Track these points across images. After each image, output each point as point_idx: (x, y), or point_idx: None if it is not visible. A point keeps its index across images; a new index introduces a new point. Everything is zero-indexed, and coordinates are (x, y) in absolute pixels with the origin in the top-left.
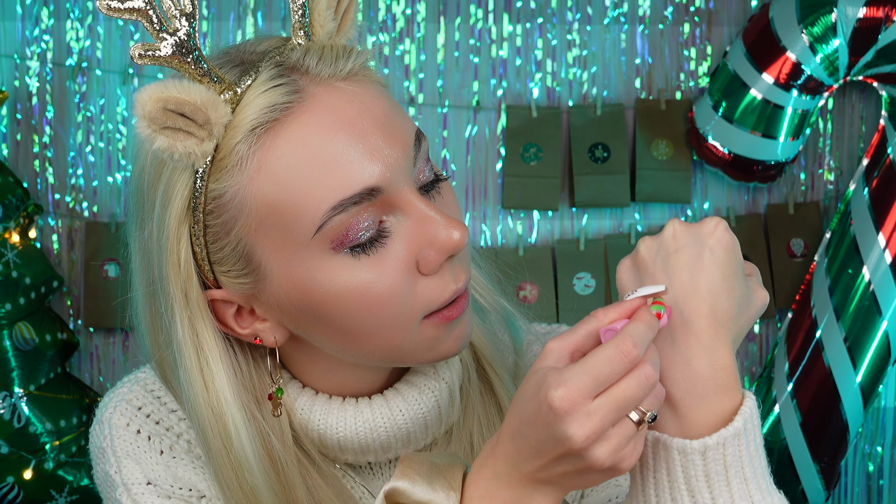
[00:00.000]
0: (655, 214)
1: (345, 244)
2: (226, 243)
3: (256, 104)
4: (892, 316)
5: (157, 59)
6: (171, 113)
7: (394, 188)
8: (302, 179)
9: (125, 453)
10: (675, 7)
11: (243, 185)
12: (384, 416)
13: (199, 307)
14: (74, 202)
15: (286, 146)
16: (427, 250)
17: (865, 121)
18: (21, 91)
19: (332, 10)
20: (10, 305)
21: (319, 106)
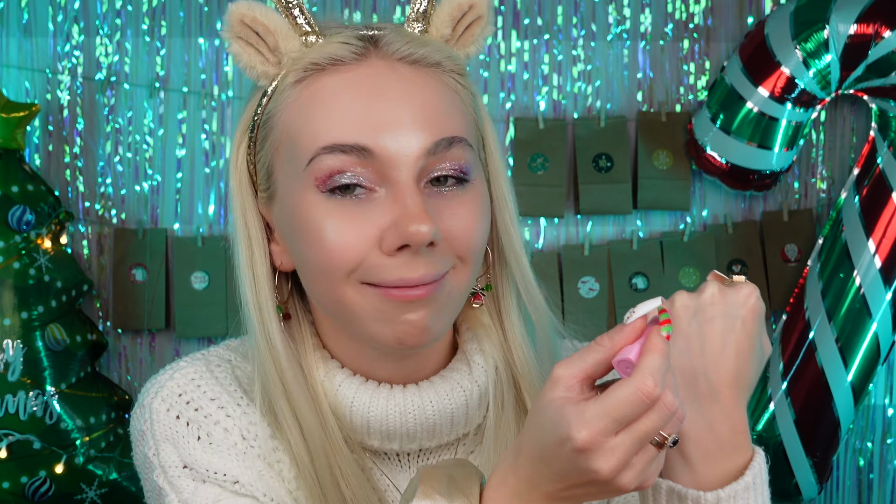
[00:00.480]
0: (656, 221)
1: (326, 185)
2: (260, 155)
3: (320, 50)
4: (882, 318)
5: None
6: (246, 27)
7: (392, 164)
8: (316, 116)
9: (164, 437)
10: (674, 24)
11: (281, 109)
12: (415, 405)
13: (250, 204)
14: (103, 210)
15: (321, 88)
16: (390, 231)
17: (856, 132)
18: (53, 104)
19: (453, 19)
20: (42, 308)
21: (367, 71)
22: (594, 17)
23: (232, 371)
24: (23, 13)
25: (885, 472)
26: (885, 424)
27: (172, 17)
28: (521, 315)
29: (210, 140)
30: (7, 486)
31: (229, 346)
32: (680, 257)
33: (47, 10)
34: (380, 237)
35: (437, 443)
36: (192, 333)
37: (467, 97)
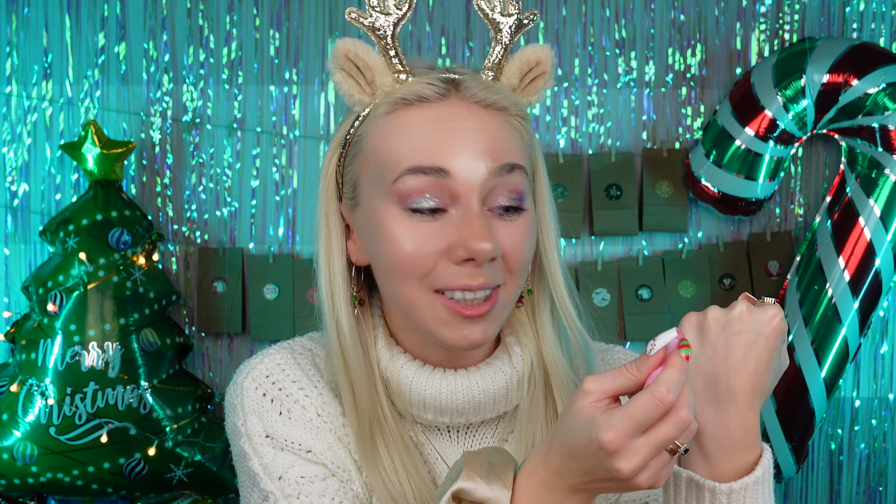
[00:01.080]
0: (658, 241)
1: (406, 202)
2: (349, 170)
3: (410, 88)
4: (850, 324)
5: (359, 23)
6: (350, 62)
7: (463, 185)
8: (402, 142)
9: (251, 410)
10: (674, 74)
11: (371, 132)
12: (463, 385)
13: (334, 208)
14: (189, 232)
15: (409, 119)
16: (459, 246)
17: (828, 166)
18: (146, 142)
19: (521, 72)
20: (137, 315)
21: (447, 109)
22: (606, 68)
23: (312, 358)
24: (121, 65)
25: (852, 455)
26: (852, 414)
27: (248, 68)
28: (554, 319)
29: (280, 172)
30: (108, 467)
31: (311, 338)
32: (679, 272)
33: (142, 62)
34: (448, 249)
35: (482, 419)
36: (264, 336)
37: (526, 136)
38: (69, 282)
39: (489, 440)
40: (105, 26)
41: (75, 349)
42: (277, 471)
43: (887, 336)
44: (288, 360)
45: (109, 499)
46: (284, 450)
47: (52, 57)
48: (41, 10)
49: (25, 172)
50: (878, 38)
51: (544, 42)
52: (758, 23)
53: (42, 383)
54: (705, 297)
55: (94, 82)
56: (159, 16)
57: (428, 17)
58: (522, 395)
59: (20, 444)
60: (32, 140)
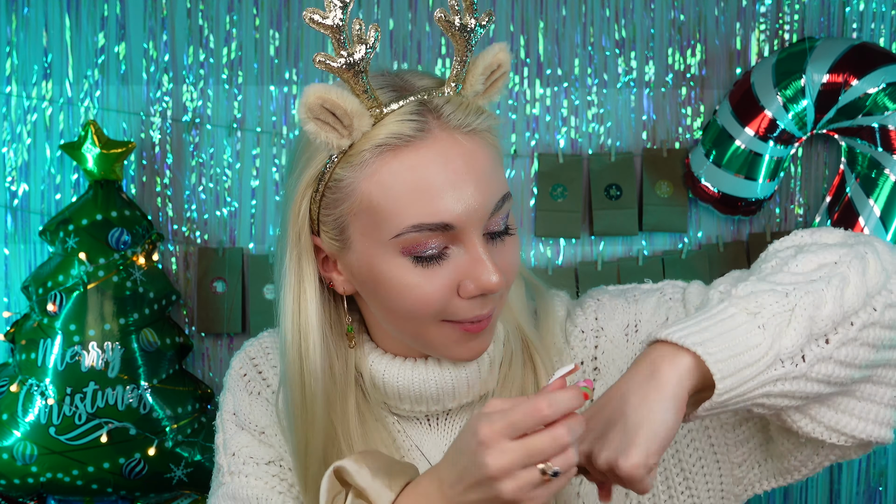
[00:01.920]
0: (658, 241)
1: (411, 253)
2: (331, 213)
3: (390, 128)
4: None
5: (330, 67)
6: (325, 110)
7: (465, 229)
8: (399, 195)
9: (229, 387)
10: (674, 74)
11: (358, 180)
12: (434, 373)
13: (306, 248)
14: (189, 232)
15: (399, 166)
16: (468, 282)
17: (828, 166)
18: (146, 142)
19: (484, 76)
20: (137, 315)
21: (436, 146)
22: (606, 68)
23: None
24: (121, 65)
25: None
26: None
27: (248, 67)
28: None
29: (280, 172)
30: (108, 467)
31: None
32: (679, 272)
33: (141, 62)
34: (456, 285)
35: (458, 403)
36: None
37: (500, 150)
38: (69, 282)
39: None
40: (105, 26)
41: (75, 349)
42: (232, 447)
43: None
44: (276, 344)
45: (109, 499)
46: (244, 429)
47: (51, 57)
48: (41, 10)
49: (25, 172)
50: (878, 38)
51: (544, 42)
52: (758, 23)
53: (42, 383)
54: None
55: (94, 82)
56: (159, 16)
57: (428, 16)
58: (494, 380)
59: (20, 444)
60: (32, 140)
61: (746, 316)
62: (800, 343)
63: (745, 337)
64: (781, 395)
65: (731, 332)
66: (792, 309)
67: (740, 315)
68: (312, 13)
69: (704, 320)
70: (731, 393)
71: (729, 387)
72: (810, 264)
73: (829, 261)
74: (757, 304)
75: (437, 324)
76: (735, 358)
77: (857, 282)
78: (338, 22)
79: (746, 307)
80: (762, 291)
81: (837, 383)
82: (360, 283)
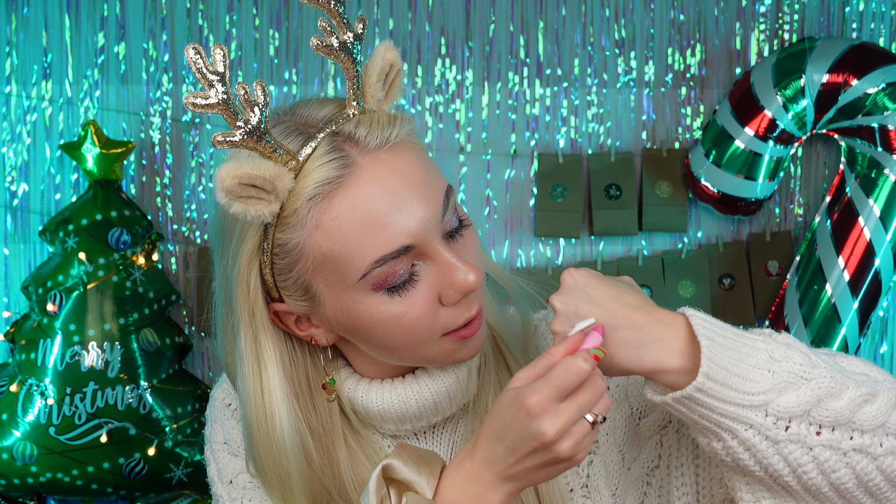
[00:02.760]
0: (658, 241)
1: (383, 286)
2: (289, 276)
3: (314, 177)
4: (850, 324)
5: (232, 143)
6: (244, 186)
7: (424, 242)
8: (351, 237)
9: (215, 418)
10: (674, 74)
11: (303, 237)
12: (413, 391)
13: (262, 322)
14: (189, 231)
15: (338, 210)
16: (447, 289)
17: (828, 166)
18: (146, 142)
19: (381, 82)
20: (137, 315)
21: (367, 176)
22: (605, 68)
23: None
24: (120, 65)
25: None
26: None
27: (247, 68)
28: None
29: None
30: (107, 466)
31: None
32: (678, 272)
33: (141, 62)
34: (437, 298)
35: (443, 416)
36: None
37: (424, 148)
38: (69, 282)
39: (460, 436)
40: (105, 26)
41: (75, 349)
42: (228, 475)
43: (887, 336)
44: None
45: (109, 499)
46: (238, 455)
47: (51, 57)
48: (41, 10)
49: (25, 172)
50: (877, 38)
51: (544, 42)
52: (757, 23)
53: (42, 383)
54: (705, 297)
55: (94, 82)
56: (159, 16)
57: (428, 17)
58: (475, 386)
59: (20, 444)
60: (32, 140)
61: (767, 357)
62: (793, 411)
63: (751, 369)
64: (744, 443)
65: (743, 358)
66: (809, 379)
67: (762, 353)
68: (194, 98)
69: (732, 334)
70: (704, 396)
71: (706, 389)
72: (857, 367)
73: (875, 376)
74: (783, 355)
75: (437, 342)
76: (729, 374)
77: (884, 407)
78: (221, 97)
79: (773, 351)
80: (797, 350)
81: (798, 481)
82: (344, 330)
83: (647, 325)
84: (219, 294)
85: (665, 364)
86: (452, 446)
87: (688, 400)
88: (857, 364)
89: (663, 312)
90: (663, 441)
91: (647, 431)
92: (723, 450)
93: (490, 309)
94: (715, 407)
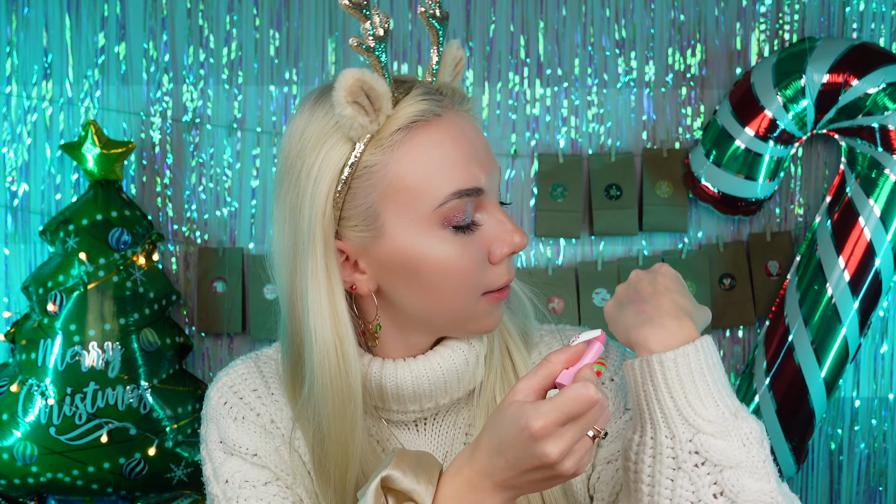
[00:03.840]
0: (658, 241)
1: (451, 223)
2: (361, 203)
3: (414, 107)
4: (850, 324)
5: (365, 50)
6: (362, 93)
7: (489, 194)
8: (433, 168)
9: (211, 418)
10: (674, 74)
11: (391, 161)
12: (427, 368)
13: (332, 251)
14: (189, 232)
15: (428, 142)
16: (498, 245)
17: (828, 166)
18: (146, 142)
19: (451, 68)
20: (137, 315)
21: (453, 122)
22: (606, 68)
23: (276, 367)
24: (121, 65)
25: (852, 455)
26: (852, 414)
27: (247, 68)
28: None
29: None
30: (108, 466)
31: (279, 348)
32: (679, 272)
33: (142, 62)
34: (487, 254)
35: (450, 398)
36: (263, 336)
37: None
38: (69, 282)
39: (459, 427)
40: (105, 26)
41: (75, 349)
42: (224, 475)
43: (887, 336)
44: (252, 369)
45: (109, 499)
46: (234, 454)
47: (52, 57)
48: (41, 10)
49: (25, 172)
50: (878, 38)
51: (544, 42)
52: (758, 23)
53: (42, 383)
54: (705, 297)
55: (94, 82)
56: (159, 16)
57: None
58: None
59: (20, 444)
60: (32, 140)
61: (731, 411)
62: (713, 457)
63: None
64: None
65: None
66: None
67: (731, 404)
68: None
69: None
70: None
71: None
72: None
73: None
74: (745, 419)
75: (476, 299)
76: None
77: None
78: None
79: (739, 412)
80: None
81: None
82: (395, 272)
83: (668, 316)
84: (283, 227)
85: (649, 343)
86: (454, 435)
87: (647, 366)
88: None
89: (690, 323)
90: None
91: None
92: (637, 444)
93: None
94: (660, 391)
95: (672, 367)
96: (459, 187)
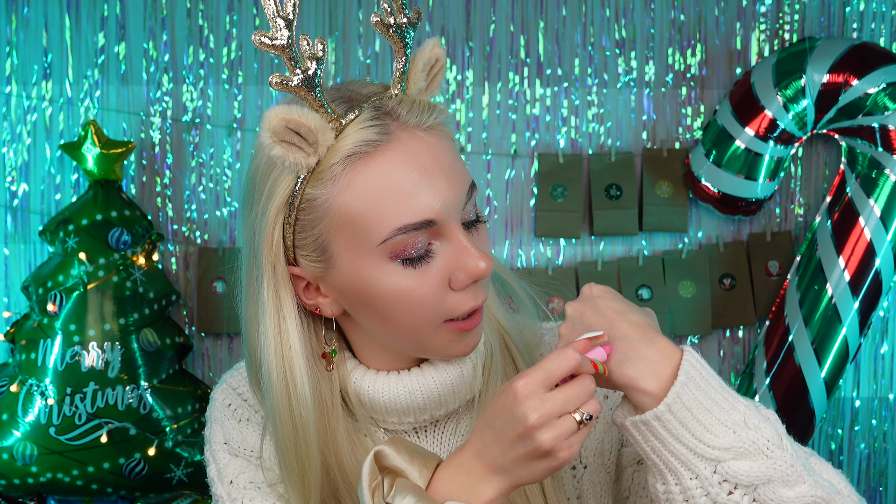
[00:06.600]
0: (658, 241)
1: (400, 256)
2: (309, 234)
3: (355, 137)
4: (850, 324)
5: (288, 87)
6: (290, 131)
7: (445, 221)
8: (379, 201)
9: (215, 419)
10: (674, 74)
11: (333, 195)
12: (419, 383)
13: (283, 278)
14: (189, 232)
15: (371, 173)
16: (459, 272)
17: (828, 166)
18: (146, 142)
19: (425, 73)
20: (137, 315)
21: (402, 147)
22: (606, 68)
23: None
24: (121, 65)
25: (852, 455)
26: (852, 414)
27: (247, 68)
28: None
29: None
30: (107, 467)
31: None
32: (679, 272)
33: (141, 62)
34: (447, 280)
35: (446, 411)
36: None
37: (455, 141)
38: (69, 282)
39: (460, 435)
40: (105, 26)
41: (75, 349)
42: (229, 475)
43: (887, 336)
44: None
45: (109, 499)
46: (238, 456)
47: (51, 57)
48: (41, 10)
49: (25, 172)
50: (878, 38)
51: (544, 42)
52: (758, 23)
53: (42, 383)
54: (705, 297)
55: (94, 82)
56: (159, 16)
57: (428, 16)
58: (479, 382)
59: (20, 444)
60: (32, 140)
61: (741, 420)
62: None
63: (717, 423)
64: (685, 491)
65: (715, 409)
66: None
67: (738, 415)
68: (261, 36)
69: (717, 385)
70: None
71: (664, 421)
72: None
73: (840, 488)
74: (757, 425)
75: (438, 328)
76: (692, 417)
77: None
78: (286, 41)
79: (749, 418)
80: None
81: None
82: (352, 300)
83: (639, 342)
84: (244, 247)
85: (638, 383)
86: (455, 443)
87: (644, 426)
88: (829, 471)
89: (662, 339)
90: (634, 477)
91: (624, 460)
92: (664, 493)
93: (499, 309)
94: (668, 442)
95: (671, 418)
96: (405, 222)
